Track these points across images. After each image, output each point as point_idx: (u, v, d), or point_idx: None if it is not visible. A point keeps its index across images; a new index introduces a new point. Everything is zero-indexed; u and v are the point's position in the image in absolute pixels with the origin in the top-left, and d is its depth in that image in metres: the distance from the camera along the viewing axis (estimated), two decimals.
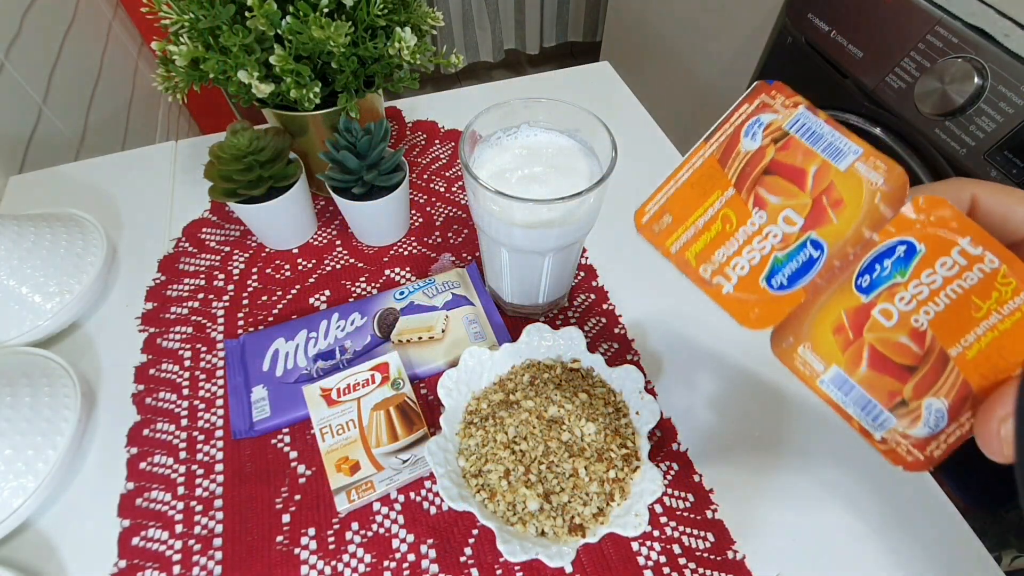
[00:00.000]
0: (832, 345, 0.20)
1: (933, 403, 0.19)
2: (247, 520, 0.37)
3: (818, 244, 0.20)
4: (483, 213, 0.37)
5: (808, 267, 0.20)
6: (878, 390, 0.20)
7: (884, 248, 0.20)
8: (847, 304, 0.20)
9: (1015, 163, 0.60)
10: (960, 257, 0.19)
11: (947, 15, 0.64)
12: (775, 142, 0.21)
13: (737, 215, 0.21)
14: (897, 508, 0.38)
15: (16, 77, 0.66)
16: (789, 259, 0.20)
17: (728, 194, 0.21)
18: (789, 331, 0.21)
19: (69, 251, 0.46)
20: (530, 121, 0.39)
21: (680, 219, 0.21)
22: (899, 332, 0.20)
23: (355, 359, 0.43)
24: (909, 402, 0.19)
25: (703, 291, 0.21)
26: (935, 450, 0.19)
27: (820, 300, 0.20)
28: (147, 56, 1.05)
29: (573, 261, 0.44)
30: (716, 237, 0.21)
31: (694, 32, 1.17)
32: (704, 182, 0.21)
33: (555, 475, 0.34)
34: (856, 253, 0.20)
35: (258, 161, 0.44)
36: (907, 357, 0.19)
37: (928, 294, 0.19)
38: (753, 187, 0.21)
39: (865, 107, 0.77)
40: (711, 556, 0.36)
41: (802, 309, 0.21)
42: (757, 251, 0.21)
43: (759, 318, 0.21)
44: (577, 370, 0.41)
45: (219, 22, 0.40)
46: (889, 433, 0.20)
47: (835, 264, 0.20)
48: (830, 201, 0.20)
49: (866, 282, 0.20)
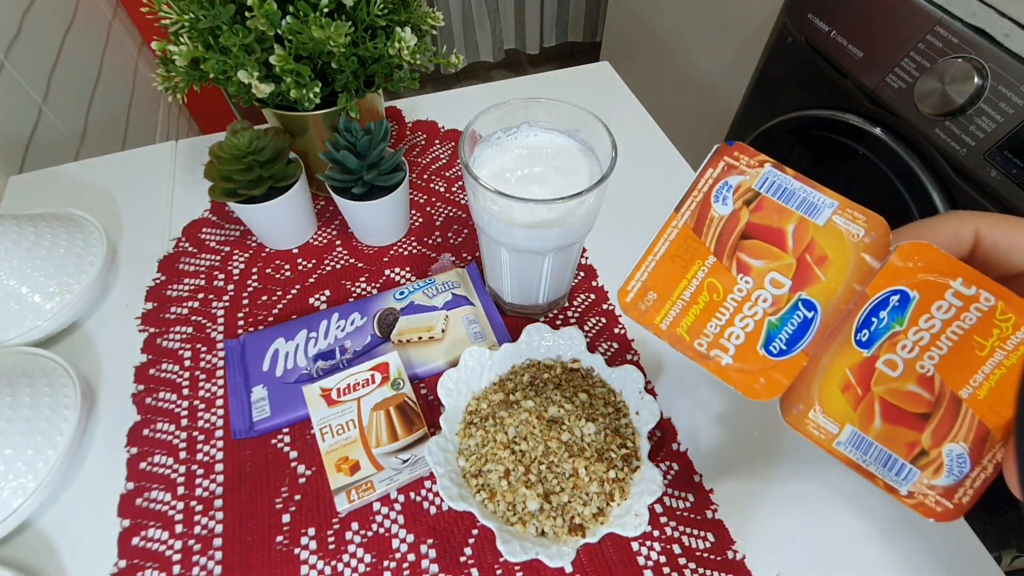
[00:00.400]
0: (843, 404, 0.20)
1: (953, 449, 0.19)
2: (247, 520, 0.37)
3: (810, 304, 0.20)
4: (483, 213, 0.37)
5: (804, 329, 0.20)
6: (896, 443, 0.19)
7: (878, 300, 0.20)
8: (850, 361, 0.20)
9: (1015, 163, 0.60)
10: (955, 299, 0.19)
11: (947, 15, 0.64)
12: (747, 204, 0.20)
13: (722, 284, 0.20)
14: (897, 508, 0.38)
15: (16, 77, 0.66)
16: (783, 323, 0.20)
17: (709, 263, 0.21)
18: (797, 398, 0.20)
19: (69, 251, 0.46)
20: (530, 121, 0.39)
21: (665, 295, 0.21)
22: (907, 381, 0.19)
23: (355, 359, 0.43)
24: (929, 451, 0.19)
25: (702, 366, 0.21)
26: (963, 497, 0.19)
27: (823, 361, 0.20)
28: (147, 56, 1.05)
29: (573, 261, 0.44)
30: (705, 309, 0.21)
31: (694, 32, 1.17)
32: (682, 254, 0.21)
33: (555, 475, 0.34)
34: (850, 309, 0.20)
35: (258, 161, 0.44)
36: (920, 405, 0.19)
37: (929, 339, 0.19)
38: (733, 253, 0.20)
39: (865, 107, 0.77)
40: (711, 556, 0.36)
41: (806, 373, 0.20)
42: (750, 318, 0.20)
43: (765, 388, 0.20)
44: (577, 370, 0.41)
45: (219, 22, 0.40)
46: (915, 486, 0.19)
47: (831, 323, 0.20)
48: (814, 259, 0.20)
49: (865, 336, 0.20)
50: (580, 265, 0.51)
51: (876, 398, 0.20)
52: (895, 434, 0.19)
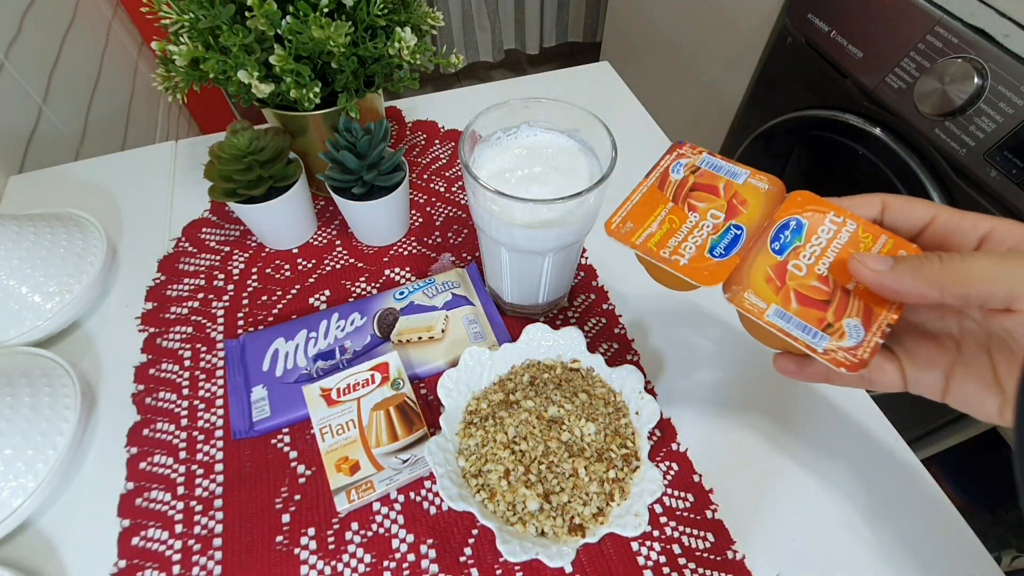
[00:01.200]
0: (767, 291, 0.27)
1: (850, 322, 0.26)
2: (247, 520, 0.37)
3: (739, 227, 0.29)
4: (483, 213, 0.37)
5: (735, 242, 0.29)
6: (809, 319, 0.26)
7: (781, 223, 0.29)
8: (770, 262, 0.28)
9: (1015, 163, 0.60)
10: (831, 224, 0.28)
11: (947, 15, 0.64)
12: (692, 172, 0.31)
13: (678, 218, 0.30)
14: (897, 508, 0.38)
15: (16, 77, 0.66)
16: (721, 239, 0.29)
17: (669, 207, 0.30)
18: (734, 282, 0.28)
19: (69, 251, 0.46)
20: (530, 121, 0.39)
21: (639, 224, 0.30)
22: (810, 279, 0.27)
23: (355, 359, 0.43)
24: (833, 324, 0.26)
25: (665, 266, 0.29)
26: (863, 353, 0.25)
27: (750, 260, 0.28)
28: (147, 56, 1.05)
29: (573, 261, 0.44)
30: (667, 232, 0.29)
31: (694, 32, 1.17)
32: (650, 201, 0.31)
33: (555, 475, 0.34)
34: (765, 228, 0.29)
35: (258, 161, 0.44)
36: (821, 295, 0.27)
37: (820, 251, 0.28)
38: (685, 199, 0.30)
39: (865, 107, 0.77)
40: (711, 556, 0.36)
41: (739, 268, 0.28)
42: (699, 236, 0.29)
43: (711, 276, 0.28)
44: (577, 370, 0.41)
45: (219, 22, 0.40)
46: (827, 346, 0.25)
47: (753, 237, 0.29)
48: (738, 202, 0.30)
49: (777, 247, 0.28)
50: (580, 265, 0.51)
51: (791, 289, 0.27)
52: (807, 313, 0.26)
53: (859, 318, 0.26)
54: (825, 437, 0.41)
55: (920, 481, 0.39)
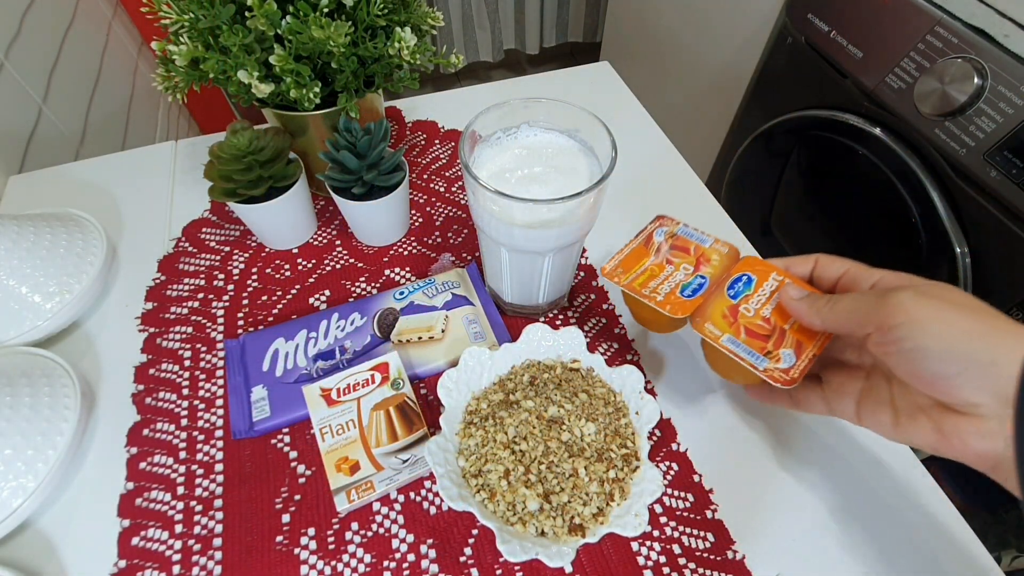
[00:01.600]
0: (723, 324, 0.35)
1: (785, 351, 0.33)
2: (247, 520, 0.37)
3: (703, 277, 0.37)
4: (483, 213, 0.37)
5: (700, 287, 0.37)
6: (754, 346, 0.34)
7: (736, 277, 0.37)
8: (726, 304, 0.36)
9: (1015, 163, 0.60)
10: (774, 281, 0.36)
11: (947, 15, 0.64)
12: (671, 237, 0.40)
13: (659, 269, 0.38)
14: (897, 508, 0.38)
15: (16, 76, 0.66)
16: (690, 284, 0.37)
17: (652, 260, 0.39)
18: (698, 316, 0.36)
19: (69, 251, 0.46)
20: (530, 121, 0.39)
21: (628, 270, 0.38)
22: (756, 319, 0.35)
23: (355, 359, 0.43)
24: (772, 351, 0.33)
25: (646, 300, 0.36)
26: (794, 373, 0.32)
27: (711, 302, 0.36)
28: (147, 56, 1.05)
29: (573, 261, 0.44)
30: (649, 277, 0.38)
31: (694, 32, 1.17)
32: (638, 256, 0.39)
33: (555, 475, 0.34)
34: (723, 280, 0.37)
35: (258, 161, 0.44)
36: (764, 331, 0.34)
37: (765, 299, 0.36)
38: (664, 256, 0.39)
39: (865, 107, 0.77)
40: (711, 556, 0.36)
41: (703, 307, 0.36)
42: (672, 283, 0.37)
43: (680, 308, 0.36)
44: (577, 370, 0.41)
45: (219, 22, 0.40)
46: (767, 367, 0.33)
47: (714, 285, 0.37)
48: (704, 260, 0.38)
49: (732, 293, 0.36)
50: (580, 265, 0.51)
51: (741, 325, 0.35)
52: (753, 342, 0.34)
53: (792, 349, 0.33)
54: (825, 437, 0.41)
55: (920, 481, 0.39)
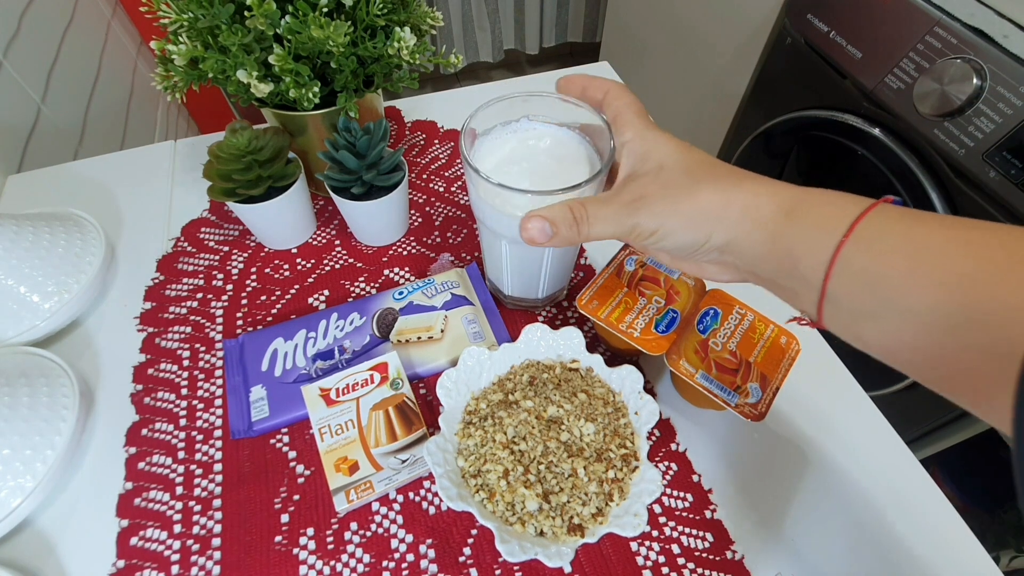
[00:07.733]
0: (696, 359, 0.38)
1: (752, 385, 0.37)
2: (246, 520, 0.37)
3: (675, 311, 0.40)
4: (483, 206, 0.37)
5: (673, 322, 0.39)
6: (725, 382, 0.37)
7: (704, 311, 0.40)
8: (697, 339, 0.39)
9: (1014, 164, 0.60)
10: (737, 315, 0.40)
11: (946, 16, 0.64)
12: (641, 266, 0.42)
13: (632, 300, 0.40)
14: (896, 508, 0.38)
15: (15, 76, 0.66)
16: (663, 319, 0.39)
17: (624, 291, 0.41)
18: (673, 352, 0.38)
19: (67, 250, 0.46)
20: (530, 115, 0.39)
21: (602, 303, 0.40)
22: (725, 353, 0.39)
23: (354, 359, 0.43)
24: (741, 386, 0.37)
25: (624, 336, 0.38)
26: (762, 407, 0.36)
27: (683, 337, 0.39)
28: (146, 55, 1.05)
29: (572, 253, 0.44)
30: (624, 311, 0.40)
31: (694, 32, 1.17)
32: (611, 286, 0.41)
33: (554, 475, 0.34)
34: (692, 313, 0.40)
35: (257, 161, 0.44)
36: (732, 364, 0.38)
37: (731, 333, 0.39)
38: (636, 287, 0.41)
39: (864, 107, 0.77)
40: (710, 556, 0.36)
41: (676, 342, 0.39)
42: (647, 316, 0.40)
43: (657, 346, 0.38)
44: (576, 370, 0.41)
45: (218, 21, 0.40)
46: (737, 403, 0.36)
47: (686, 320, 0.40)
48: (674, 292, 0.41)
49: (702, 327, 0.40)
50: (579, 266, 0.51)
51: (712, 360, 0.38)
52: (724, 378, 0.37)
53: (758, 383, 0.37)
54: (824, 437, 0.41)
55: (919, 481, 0.39)
